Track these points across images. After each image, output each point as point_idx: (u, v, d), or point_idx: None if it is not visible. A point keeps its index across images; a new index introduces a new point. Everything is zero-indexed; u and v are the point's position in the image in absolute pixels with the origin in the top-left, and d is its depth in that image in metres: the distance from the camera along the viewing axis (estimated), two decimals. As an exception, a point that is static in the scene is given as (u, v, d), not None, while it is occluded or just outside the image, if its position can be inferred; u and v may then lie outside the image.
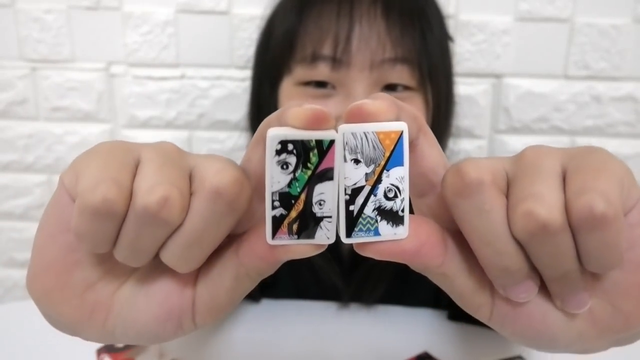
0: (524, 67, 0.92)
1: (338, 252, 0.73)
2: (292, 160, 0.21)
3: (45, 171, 1.04)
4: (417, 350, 0.60)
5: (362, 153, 0.22)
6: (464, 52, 0.91)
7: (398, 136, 0.22)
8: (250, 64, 0.92)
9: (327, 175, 0.22)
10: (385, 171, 0.22)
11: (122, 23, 0.94)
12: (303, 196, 0.22)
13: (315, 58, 0.58)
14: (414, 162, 0.24)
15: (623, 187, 0.23)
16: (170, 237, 0.24)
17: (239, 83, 0.96)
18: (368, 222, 0.23)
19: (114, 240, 0.24)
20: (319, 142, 0.21)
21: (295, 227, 0.22)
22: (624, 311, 0.25)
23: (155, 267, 0.27)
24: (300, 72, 0.60)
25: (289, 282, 0.73)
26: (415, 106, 0.61)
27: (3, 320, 0.71)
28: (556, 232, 0.22)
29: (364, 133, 0.21)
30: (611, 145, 0.95)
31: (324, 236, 0.23)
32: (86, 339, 0.28)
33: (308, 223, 0.22)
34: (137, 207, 0.22)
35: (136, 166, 0.24)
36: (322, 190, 0.22)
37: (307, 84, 0.60)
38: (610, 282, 0.25)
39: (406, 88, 0.61)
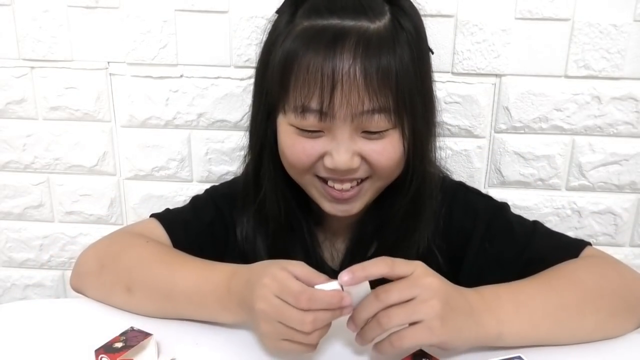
0: (525, 67, 0.92)
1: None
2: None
3: (44, 171, 1.04)
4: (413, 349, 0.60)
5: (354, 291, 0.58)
6: (464, 51, 0.91)
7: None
8: (250, 63, 0.93)
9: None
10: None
11: (121, 22, 0.93)
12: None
13: (304, 110, 0.66)
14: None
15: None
16: None
17: (238, 82, 0.96)
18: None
19: None
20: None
21: None
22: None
23: None
24: (292, 117, 0.68)
25: None
26: (392, 142, 0.68)
27: (2, 321, 0.70)
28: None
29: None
30: (611, 144, 0.95)
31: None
32: None
33: None
34: None
35: None
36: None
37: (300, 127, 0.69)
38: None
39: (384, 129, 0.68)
